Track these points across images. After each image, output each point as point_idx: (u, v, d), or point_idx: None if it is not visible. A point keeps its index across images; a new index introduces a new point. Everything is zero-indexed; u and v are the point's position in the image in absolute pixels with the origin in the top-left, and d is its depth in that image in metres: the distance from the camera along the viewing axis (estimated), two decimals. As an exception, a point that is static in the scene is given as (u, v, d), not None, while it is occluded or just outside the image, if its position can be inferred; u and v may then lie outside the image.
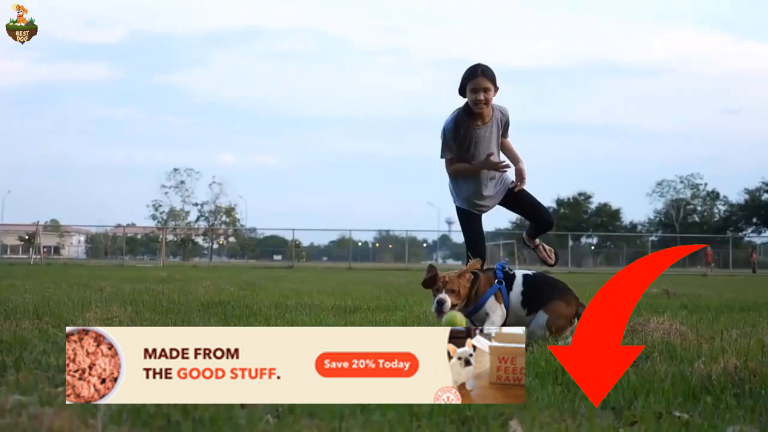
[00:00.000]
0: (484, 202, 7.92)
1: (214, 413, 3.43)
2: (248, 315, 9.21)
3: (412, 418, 3.59)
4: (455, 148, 7.68)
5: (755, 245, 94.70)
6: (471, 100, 7.50)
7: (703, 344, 6.47)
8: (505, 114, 7.82)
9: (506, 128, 7.85)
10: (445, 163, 7.81)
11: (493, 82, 7.48)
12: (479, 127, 7.64)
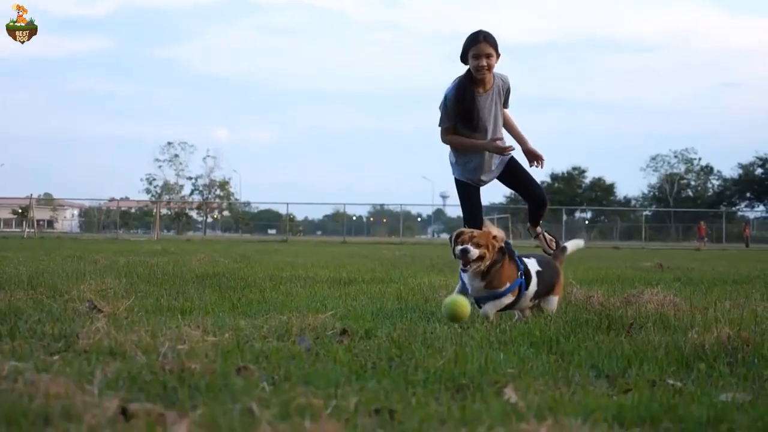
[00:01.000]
0: (486, 176, 7.84)
1: (210, 380, 3.44)
2: (243, 287, 9.22)
3: (407, 385, 3.60)
4: (454, 116, 7.61)
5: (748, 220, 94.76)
6: (473, 66, 7.44)
7: (696, 315, 6.49)
8: (506, 81, 7.73)
9: (507, 96, 7.75)
10: (441, 132, 7.74)
11: (495, 48, 7.42)
12: (480, 95, 7.55)
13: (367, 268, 14.90)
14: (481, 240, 6.32)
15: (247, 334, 5.10)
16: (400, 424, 2.83)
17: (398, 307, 7.17)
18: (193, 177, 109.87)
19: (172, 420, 2.54)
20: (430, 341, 4.99)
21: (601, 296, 7.99)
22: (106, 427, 2.46)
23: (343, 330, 5.32)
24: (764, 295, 9.22)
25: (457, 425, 2.71)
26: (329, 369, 3.93)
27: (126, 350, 4.22)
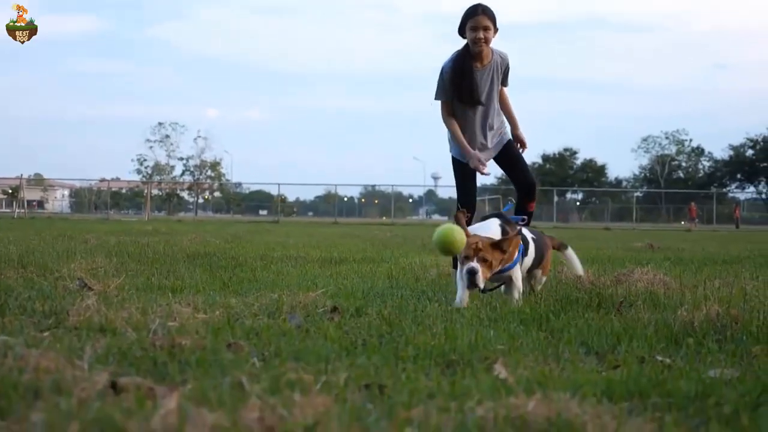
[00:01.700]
0: (483, 154, 7.80)
1: (201, 356, 3.44)
2: (234, 266, 9.22)
3: (397, 361, 3.61)
4: (451, 91, 7.56)
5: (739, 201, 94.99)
6: (470, 38, 7.38)
7: (686, 293, 6.51)
8: (505, 59, 7.70)
9: (506, 74, 7.70)
10: (441, 107, 7.70)
11: (493, 21, 7.37)
12: (478, 69, 7.51)
13: (358, 248, 14.91)
14: (487, 253, 5.81)
15: (237, 311, 5.11)
16: (389, 399, 2.84)
17: (389, 286, 7.18)
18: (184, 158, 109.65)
19: (162, 393, 2.55)
20: (420, 318, 5.01)
21: (591, 275, 7.99)
22: (96, 401, 2.46)
23: (334, 307, 5.33)
24: (753, 273, 9.25)
25: (446, 399, 2.72)
26: (319, 345, 3.94)
27: (116, 327, 4.22)
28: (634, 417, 2.69)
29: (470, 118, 7.70)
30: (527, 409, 2.53)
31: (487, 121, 7.74)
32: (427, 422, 2.37)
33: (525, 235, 6.31)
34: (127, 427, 2.04)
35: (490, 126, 7.77)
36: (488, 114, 7.69)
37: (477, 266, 5.74)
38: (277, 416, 2.21)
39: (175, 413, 2.12)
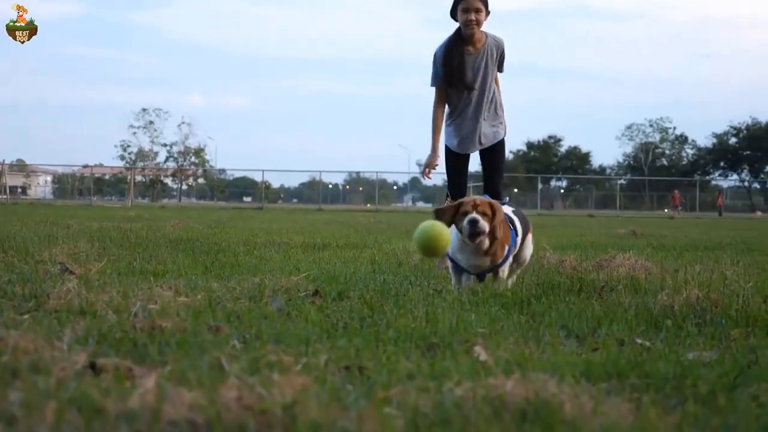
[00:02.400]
0: (476, 148, 7.68)
1: (181, 338, 3.44)
2: (217, 251, 9.21)
3: (378, 344, 3.62)
4: (444, 76, 7.48)
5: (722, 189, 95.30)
6: (462, 20, 7.29)
7: (666, 277, 6.54)
8: (500, 44, 7.62)
9: (501, 60, 7.63)
10: (434, 92, 7.62)
11: (484, 3, 7.28)
12: (470, 54, 7.43)
13: (342, 234, 14.92)
14: (486, 209, 5.66)
15: (219, 295, 5.11)
16: (368, 379, 2.85)
17: (371, 271, 7.18)
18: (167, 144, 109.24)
19: (141, 374, 2.55)
20: (402, 302, 5.01)
21: (573, 260, 8.03)
22: (74, 381, 2.46)
23: (316, 291, 5.34)
24: (734, 259, 9.30)
25: (425, 380, 2.73)
26: (300, 328, 3.94)
27: (97, 309, 4.21)
28: (612, 397, 2.71)
29: (465, 104, 7.60)
30: (505, 389, 2.54)
31: (481, 108, 7.61)
32: (406, 402, 2.38)
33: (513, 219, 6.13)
34: (105, 405, 2.04)
35: (485, 114, 7.64)
36: (483, 100, 7.57)
37: (478, 216, 5.57)
38: (255, 395, 2.21)
39: (154, 392, 2.12)
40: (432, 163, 7.66)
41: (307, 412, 2.14)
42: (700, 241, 14.81)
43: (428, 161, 7.67)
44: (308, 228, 17.59)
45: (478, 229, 5.55)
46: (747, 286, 5.76)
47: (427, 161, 7.68)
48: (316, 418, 2.12)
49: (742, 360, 3.45)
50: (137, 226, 15.51)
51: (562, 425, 2.28)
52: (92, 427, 1.99)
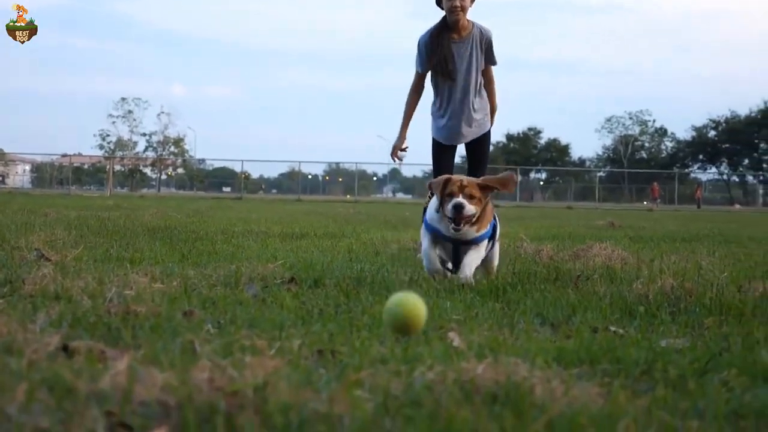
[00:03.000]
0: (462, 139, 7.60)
1: (155, 322, 3.44)
2: (194, 239, 9.20)
3: (353, 329, 3.63)
4: (428, 63, 7.43)
5: (701, 182, 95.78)
6: (447, 7, 7.21)
7: (642, 267, 6.57)
8: (486, 34, 7.48)
9: (489, 51, 7.50)
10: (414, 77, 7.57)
11: None
12: (456, 42, 7.35)
13: (321, 224, 14.92)
14: (474, 191, 5.50)
15: (195, 282, 5.10)
16: (341, 363, 2.86)
17: (348, 259, 7.19)
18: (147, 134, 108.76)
19: (114, 356, 2.55)
20: (377, 290, 5.02)
21: (550, 250, 8.06)
22: (47, 362, 2.46)
23: (291, 278, 5.34)
24: (711, 250, 9.35)
25: (398, 364, 2.74)
26: (275, 314, 3.95)
27: (72, 295, 4.21)
28: (583, 382, 2.72)
29: (450, 93, 7.50)
30: (477, 373, 2.55)
31: (468, 98, 7.47)
32: (377, 385, 2.39)
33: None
34: (76, 386, 2.04)
35: (471, 105, 7.51)
36: (468, 90, 7.46)
37: (464, 201, 5.41)
38: (227, 377, 2.22)
39: (125, 373, 2.12)
40: (398, 145, 7.63)
41: (278, 394, 2.15)
42: (678, 232, 14.88)
43: (395, 143, 7.64)
44: (287, 218, 17.57)
45: (463, 214, 5.41)
46: (722, 276, 5.80)
47: (395, 143, 7.65)
48: (287, 400, 2.13)
49: (714, 347, 3.48)
50: (115, 214, 15.46)
51: (532, 408, 2.29)
52: (63, 407, 1.99)
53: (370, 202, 53.35)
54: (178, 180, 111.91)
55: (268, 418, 2.04)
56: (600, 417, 2.23)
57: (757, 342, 3.63)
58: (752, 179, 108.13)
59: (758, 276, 6.09)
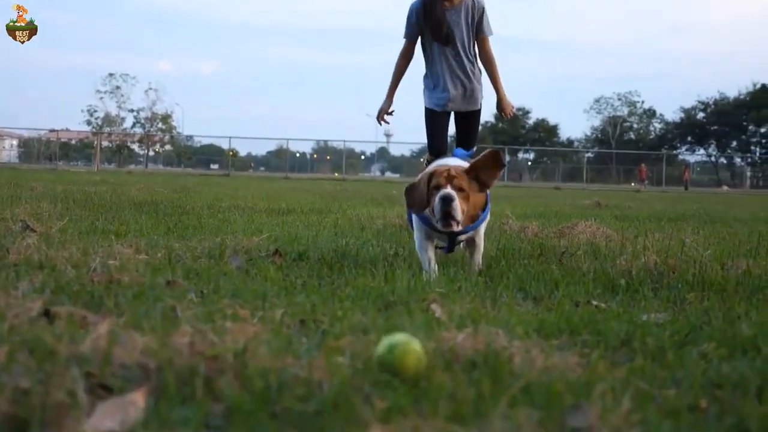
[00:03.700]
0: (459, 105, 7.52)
1: (138, 291, 3.45)
2: (180, 213, 9.20)
3: (335, 300, 3.64)
4: (418, 30, 7.34)
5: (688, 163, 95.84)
6: None
7: (626, 244, 6.59)
8: (478, 2, 7.30)
9: (482, 20, 7.31)
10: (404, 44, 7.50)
11: None
12: (448, 9, 7.29)
13: (307, 200, 14.91)
14: (464, 183, 4.87)
15: (179, 253, 5.11)
16: (322, 331, 2.87)
17: (334, 234, 7.20)
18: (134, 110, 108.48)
19: (95, 321, 2.56)
20: (361, 263, 5.04)
21: (536, 228, 8.07)
22: (28, 326, 2.46)
23: (276, 251, 5.35)
24: (696, 229, 9.39)
25: (379, 333, 2.75)
26: (259, 285, 3.96)
27: (56, 264, 4.20)
28: (563, 352, 2.74)
29: (440, 60, 7.43)
30: (457, 341, 2.57)
31: (462, 65, 7.35)
32: (357, 352, 2.40)
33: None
34: (56, 348, 2.05)
35: (461, 74, 7.48)
36: (459, 58, 7.42)
37: (453, 192, 4.77)
38: (207, 342, 2.23)
39: (106, 337, 2.13)
40: (385, 109, 7.58)
41: (258, 359, 2.16)
42: (664, 212, 14.92)
43: (382, 106, 7.59)
44: (274, 195, 17.56)
45: (452, 209, 4.74)
46: (705, 254, 5.82)
47: (381, 106, 7.60)
48: (267, 365, 2.14)
49: (695, 320, 3.50)
50: (102, 189, 15.42)
51: (510, 376, 2.31)
52: (43, 368, 2.00)
53: (357, 181, 53.32)
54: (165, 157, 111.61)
55: (248, 382, 2.05)
56: (577, 384, 2.25)
57: (738, 317, 3.65)
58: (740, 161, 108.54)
59: (742, 254, 6.12)
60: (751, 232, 9.23)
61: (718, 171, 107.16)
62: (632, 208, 17.07)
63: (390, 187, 29.65)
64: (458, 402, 2.01)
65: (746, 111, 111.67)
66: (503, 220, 8.62)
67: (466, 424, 1.86)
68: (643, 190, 58.36)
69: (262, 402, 1.93)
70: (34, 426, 1.72)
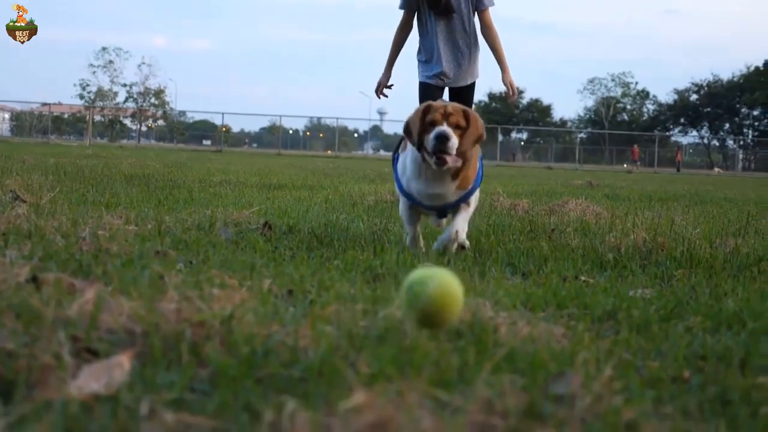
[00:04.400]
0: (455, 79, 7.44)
1: (127, 260, 3.45)
2: (172, 187, 9.19)
3: (324, 271, 3.65)
4: (415, 1, 7.27)
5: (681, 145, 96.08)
6: None
7: (616, 222, 6.61)
8: None
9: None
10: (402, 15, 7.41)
11: None
12: None
13: (299, 176, 14.90)
14: (461, 119, 4.50)
15: (169, 225, 5.10)
16: (309, 300, 2.88)
17: (324, 209, 7.20)
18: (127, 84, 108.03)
19: (82, 287, 2.56)
20: (352, 237, 5.04)
21: (526, 205, 8.09)
22: (15, 291, 2.46)
23: (266, 223, 5.35)
24: (685, 209, 9.42)
25: (366, 303, 2.76)
26: (248, 256, 3.97)
27: (45, 233, 4.20)
28: (549, 324, 2.75)
29: (434, 33, 7.34)
30: (443, 311, 2.58)
31: (453, 40, 7.31)
32: (344, 320, 2.41)
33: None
34: (43, 312, 2.06)
35: (457, 48, 7.41)
36: (456, 32, 7.33)
37: (449, 130, 4.41)
38: (194, 308, 2.23)
39: (93, 302, 2.13)
40: (383, 82, 7.53)
41: (245, 326, 2.17)
42: (655, 192, 14.95)
43: (380, 80, 7.54)
44: (266, 170, 17.54)
45: (448, 148, 4.37)
46: (694, 232, 5.85)
47: (380, 80, 7.55)
48: (253, 331, 2.15)
49: (682, 296, 3.52)
50: (93, 162, 15.40)
51: (495, 345, 2.32)
52: (29, 331, 2.01)
53: (350, 158, 53.30)
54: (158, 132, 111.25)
55: (234, 348, 2.06)
56: (562, 354, 2.27)
57: (725, 294, 3.67)
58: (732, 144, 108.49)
59: (730, 233, 6.14)
60: (740, 212, 9.26)
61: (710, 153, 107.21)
62: (624, 188, 17.09)
63: (382, 165, 29.64)
64: (442, 369, 2.02)
65: (739, 93, 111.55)
66: (494, 197, 8.63)
67: (449, 389, 1.88)
68: (634, 170, 58.42)
69: (248, 367, 1.93)
70: (20, 386, 1.72)
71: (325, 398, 1.75)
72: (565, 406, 1.86)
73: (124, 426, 1.60)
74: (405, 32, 7.44)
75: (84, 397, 1.70)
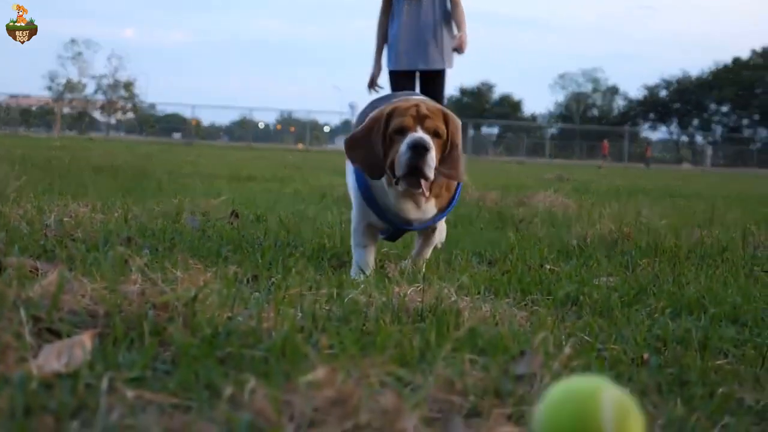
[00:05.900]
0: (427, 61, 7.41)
1: (92, 246, 3.44)
2: (140, 178, 9.15)
3: (290, 259, 3.65)
4: None
5: (650, 141, 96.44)
6: None
7: (583, 213, 6.65)
8: None
9: None
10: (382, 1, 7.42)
11: None
12: None
13: (269, 169, 14.88)
14: (439, 124, 3.42)
15: (136, 214, 5.08)
16: (274, 285, 2.89)
17: (293, 200, 7.21)
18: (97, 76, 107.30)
19: (45, 269, 2.55)
20: (319, 226, 5.05)
21: (495, 196, 8.12)
22: (-23, 273, 2.45)
23: (233, 212, 5.34)
24: (653, 201, 9.48)
25: (331, 288, 2.76)
26: (214, 243, 3.97)
27: (10, 221, 4.17)
28: (513, 308, 2.77)
29: (399, 15, 7.35)
30: (407, 296, 2.60)
31: (418, 20, 7.38)
32: (308, 304, 2.42)
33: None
34: (4, 293, 2.05)
35: (421, 30, 7.39)
36: (421, 12, 7.30)
37: (427, 138, 3.31)
38: (158, 290, 2.23)
39: (55, 283, 2.13)
40: (376, 74, 7.56)
41: (208, 308, 2.17)
42: (624, 187, 15.04)
43: (372, 73, 7.56)
44: (236, 163, 17.51)
45: (424, 164, 3.27)
46: (660, 223, 5.89)
47: (372, 73, 7.57)
48: (216, 314, 2.15)
49: (645, 283, 3.55)
50: (61, 154, 15.29)
51: (458, 327, 2.34)
52: (-11, 312, 2.00)
53: (321, 152, 53.22)
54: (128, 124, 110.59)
55: (197, 329, 2.06)
56: (523, 335, 2.28)
57: (688, 282, 3.70)
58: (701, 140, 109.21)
59: (696, 224, 6.19)
60: (707, 205, 9.33)
61: (680, 149, 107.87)
62: (593, 182, 17.18)
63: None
64: (404, 349, 2.03)
65: (708, 90, 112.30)
66: (463, 191, 8.66)
67: (411, 368, 1.89)
68: (604, 165, 58.66)
69: (210, 347, 1.94)
70: (-21, 365, 1.72)
71: (286, 376, 1.75)
72: (525, 384, 1.88)
73: (83, 402, 1.60)
74: (386, 16, 7.46)
75: (44, 375, 1.70)
